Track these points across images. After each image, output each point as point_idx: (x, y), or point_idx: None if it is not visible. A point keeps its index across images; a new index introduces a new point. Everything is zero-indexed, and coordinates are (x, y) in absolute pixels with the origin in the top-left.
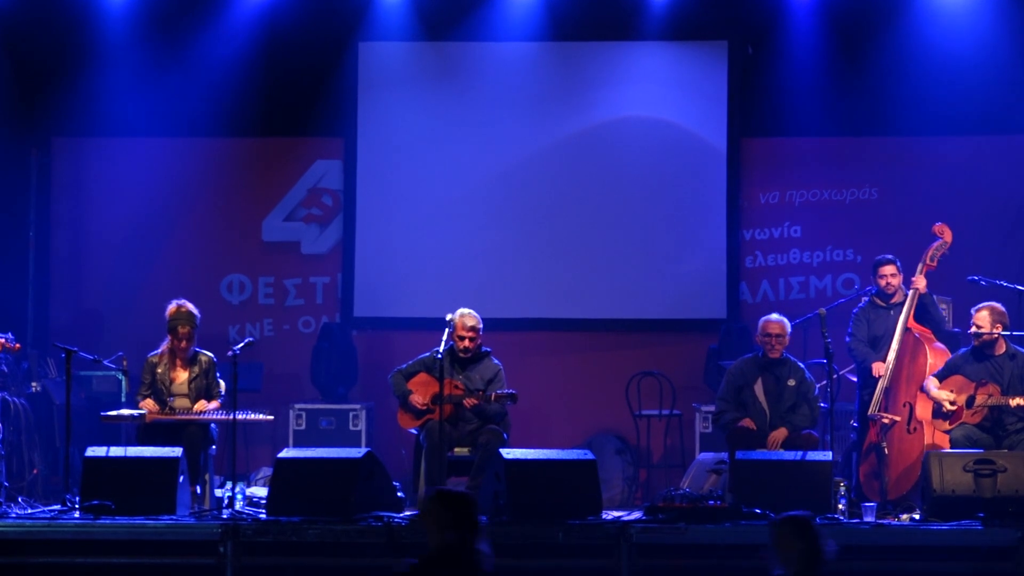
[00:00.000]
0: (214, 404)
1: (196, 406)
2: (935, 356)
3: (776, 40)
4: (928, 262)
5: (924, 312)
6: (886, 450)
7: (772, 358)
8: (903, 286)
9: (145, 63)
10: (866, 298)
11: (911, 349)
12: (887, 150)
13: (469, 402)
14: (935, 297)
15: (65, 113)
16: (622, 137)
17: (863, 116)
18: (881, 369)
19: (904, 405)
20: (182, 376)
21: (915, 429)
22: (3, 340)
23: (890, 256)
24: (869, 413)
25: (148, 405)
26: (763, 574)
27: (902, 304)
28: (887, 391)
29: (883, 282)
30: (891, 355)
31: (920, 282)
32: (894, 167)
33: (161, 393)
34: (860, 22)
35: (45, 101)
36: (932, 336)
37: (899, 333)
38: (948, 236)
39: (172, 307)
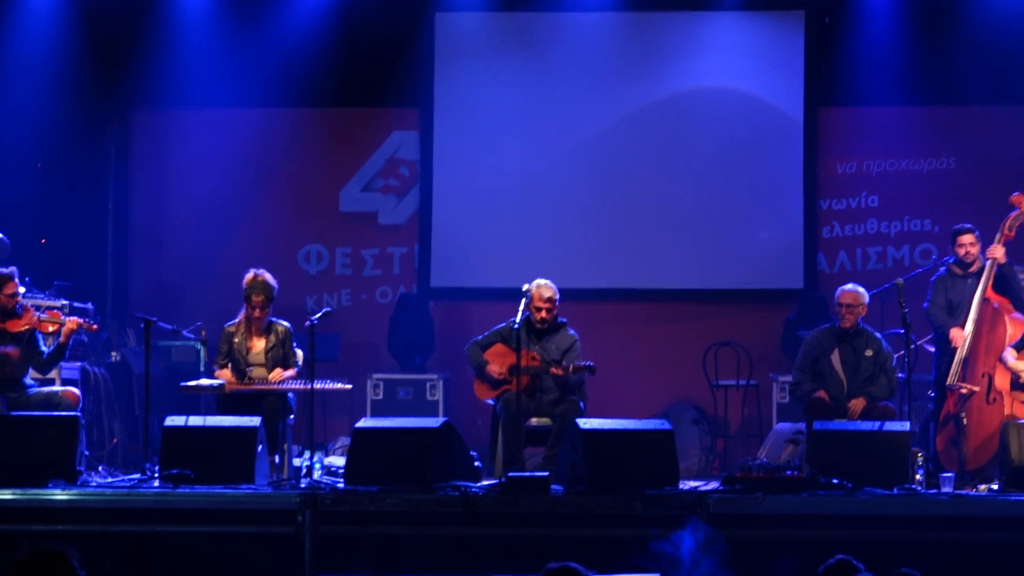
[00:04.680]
0: (290, 372)
1: (272, 375)
2: (1014, 326)
3: (853, 9)
4: (1006, 232)
5: (1003, 282)
6: (964, 421)
7: (846, 328)
8: (981, 255)
9: (223, 34)
10: (944, 267)
11: (990, 319)
12: (965, 119)
13: (556, 371)
14: (1016, 268)
15: (144, 85)
16: (698, 107)
17: (941, 85)
18: (958, 336)
19: (983, 376)
20: (259, 346)
21: (995, 400)
22: (82, 320)
23: (969, 225)
24: (947, 383)
25: (225, 375)
26: (841, 546)
27: (980, 273)
28: (965, 361)
29: (962, 251)
30: (969, 325)
31: (998, 251)
32: (972, 136)
33: (239, 363)
34: None
35: (124, 73)
36: (1011, 306)
37: (977, 303)
38: None
39: (249, 276)
